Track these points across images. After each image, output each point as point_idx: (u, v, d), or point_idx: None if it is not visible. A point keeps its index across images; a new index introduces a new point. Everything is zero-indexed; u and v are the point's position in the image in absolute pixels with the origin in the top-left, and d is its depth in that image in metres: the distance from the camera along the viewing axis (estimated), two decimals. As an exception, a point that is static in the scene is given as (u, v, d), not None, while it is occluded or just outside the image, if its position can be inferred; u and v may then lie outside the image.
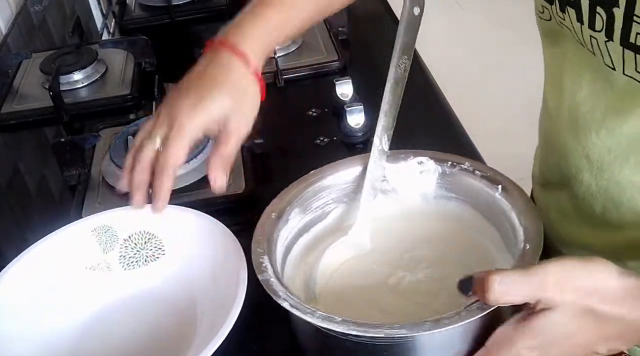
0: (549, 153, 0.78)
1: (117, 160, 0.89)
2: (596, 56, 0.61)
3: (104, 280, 0.73)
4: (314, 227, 0.70)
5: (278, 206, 0.66)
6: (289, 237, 0.67)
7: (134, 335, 0.69)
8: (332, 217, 0.71)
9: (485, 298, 0.50)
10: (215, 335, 0.59)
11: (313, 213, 0.70)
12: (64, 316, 0.70)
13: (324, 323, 0.53)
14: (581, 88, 0.66)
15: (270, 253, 0.62)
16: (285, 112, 1.08)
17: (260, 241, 0.62)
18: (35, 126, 1.08)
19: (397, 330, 0.51)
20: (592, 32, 0.59)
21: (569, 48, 0.66)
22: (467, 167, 0.67)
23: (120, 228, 0.73)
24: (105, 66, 1.18)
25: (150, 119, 0.68)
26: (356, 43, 1.20)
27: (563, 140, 0.71)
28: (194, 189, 0.87)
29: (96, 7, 1.47)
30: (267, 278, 0.58)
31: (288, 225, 0.67)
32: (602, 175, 0.67)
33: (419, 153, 0.69)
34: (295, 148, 0.72)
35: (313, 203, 0.69)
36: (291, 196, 0.68)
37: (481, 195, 0.66)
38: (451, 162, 0.68)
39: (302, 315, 0.54)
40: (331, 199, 0.70)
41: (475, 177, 0.66)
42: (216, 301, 0.66)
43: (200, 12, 1.35)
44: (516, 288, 0.50)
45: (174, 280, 0.72)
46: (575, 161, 0.70)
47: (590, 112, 0.65)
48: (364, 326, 0.52)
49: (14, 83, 1.17)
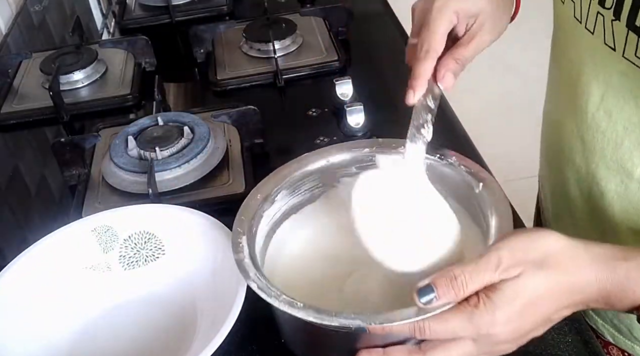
0: (548, 134, 0.78)
1: (117, 160, 0.89)
2: (594, 35, 0.61)
3: (104, 280, 0.73)
4: (302, 208, 0.71)
5: (264, 188, 0.67)
6: (274, 217, 0.68)
7: (134, 335, 0.69)
8: (321, 200, 0.71)
9: (452, 296, 0.51)
10: (215, 335, 0.59)
11: (302, 196, 0.70)
12: (64, 316, 0.70)
13: (286, 307, 0.54)
14: (578, 69, 0.66)
15: (251, 234, 0.62)
16: (285, 112, 1.08)
17: (242, 221, 0.63)
18: (35, 126, 1.08)
19: (351, 321, 0.52)
20: (600, 9, 0.59)
21: (570, 24, 0.66)
22: (453, 162, 0.67)
23: (120, 228, 0.73)
24: (105, 66, 1.18)
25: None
26: (356, 43, 1.20)
27: (560, 118, 0.71)
28: (194, 189, 0.87)
29: (96, 7, 1.47)
30: (241, 258, 0.59)
31: (274, 206, 0.67)
32: (593, 159, 0.67)
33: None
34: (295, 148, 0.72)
35: (302, 186, 0.70)
36: (278, 178, 0.68)
37: (461, 189, 0.66)
38: (439, 155, 0.68)
39: (267, 298, 0.55)
40: (321, 183, 0.71)
41: (457, 168, 0.67)
42: (216, 301, 0.66)
43: (200, 12, 1.35)
44: (476, 278, 0.51)
45: (174, 279, 0.72)
46: (570, 142, 0.70)
47: (588, 92, 0.65)
48: (322, 313, 0.53)
49: (14, 83, 1.17)
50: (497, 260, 0.51)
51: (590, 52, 0.63)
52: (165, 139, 0.91)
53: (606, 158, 0.66)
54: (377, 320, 0.52)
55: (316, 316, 0.53)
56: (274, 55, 1.10)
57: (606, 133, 0.65)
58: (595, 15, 0.60)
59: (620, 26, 0.57)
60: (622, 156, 0.64)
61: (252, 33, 1.18)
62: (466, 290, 0.51)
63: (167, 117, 0.96)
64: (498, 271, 0.51)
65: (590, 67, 0.64)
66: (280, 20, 1.21)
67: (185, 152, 0.89)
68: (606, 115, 0.64)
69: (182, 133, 0.92)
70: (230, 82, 1.11)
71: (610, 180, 0.66)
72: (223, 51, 1.19)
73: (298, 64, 1.12)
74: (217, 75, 1.13)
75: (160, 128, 0.94)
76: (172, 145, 0.90)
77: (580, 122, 0.67)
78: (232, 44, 1.20)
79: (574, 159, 0.70)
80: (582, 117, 0.67)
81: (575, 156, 0.70)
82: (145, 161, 0.88)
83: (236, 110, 0.93)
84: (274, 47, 1.11)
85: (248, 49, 1.17)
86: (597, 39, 0.61)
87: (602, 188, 0.67)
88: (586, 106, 0.66)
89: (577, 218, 0.73)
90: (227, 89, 1.11)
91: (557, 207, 0.78)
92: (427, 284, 0.52)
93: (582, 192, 0.71)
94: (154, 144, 0.90)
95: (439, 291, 0.51)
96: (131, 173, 0.88)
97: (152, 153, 0.89)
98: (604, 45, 0.60)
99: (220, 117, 0.93)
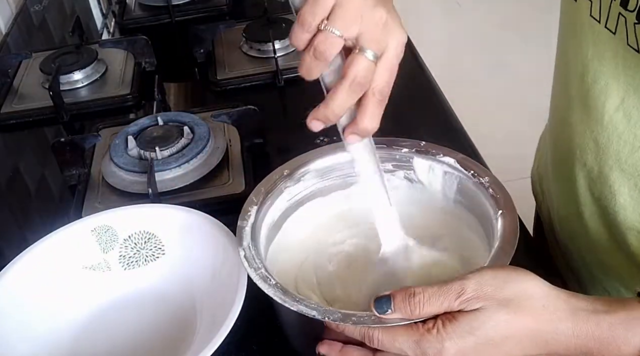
0: (557, 133, 0.77)
1: (117, 160, 0.89)
2: (616, 35, 0.59)
3: (104, 280, 0.73)
4: (302, 206, 0.70)
5: (267, 184, 0.67)
6: (297, 196, 0.67)
7: (133, 334, 0.69)
8: (353, 188, 0.70)
9: (407, 313, 0.51)
10: (215, 335, 0.59)
11: (332, 181, 0.69)
12: (64, 316, 0.70)
13: (260, 282, 0.56)
14: (596, 69, 0.64)
15: (264, 206, 0.62)
16: (285, 112, 1.08)
17: (260, 192, 0.62)
18: (35, 126, 1.08)
19: (309, 310, 0.53)
20: (622, 10, 0.57)
21: (582, 24, 0.64)
22: (484, 182, 0.65)
23: (120, 228, 0.73)
24: (105, 66, 1.18)
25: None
26: (356, 43, 1.20)
27: (572, 119, 0.70)
28: (194, 189, 0.87)
29: (96, 7, 1.47)
30: (242, 226, 0.59)
31: (300, 184, 0.67)
32: (606, 161, 0.66)
33: (449, 153, 0.69)
34: (295, 148, 0.72)
35: (331, 173, 0.69)
36: (308, 158, 0.67)
37: (481, 206, 0.65)
38: (473, 171, 0.67)
39: (248, 269, 0.57)
40: (352, 172, 0.68)
41: (485, 190, 0.65)
42: (216, 302, 0.66)
43: (200, 12, 1.35)
44: (434, 301, 0.51)
45: (174, 279, 0.72)
46: (582, 143, 0.68)
47: (605, 94, 0.64)
48: (288, 296, 0.54)
49: (14, 83, 1.17)
50: (460, 288, 0.51)
51: (611, 52, 0.61)
52: (165, 139, 0.91)
53: (621, 160, 0.64)
54: (332, 316, 0.53)
55: (281, 298, 0.54)
56: (274, 55, 1.10)
57: (623, 135, 0.63)
58: (616, 16, 0.58)
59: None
60: (638, 160, 0.63)
61: (252, 33, 1.18)
62: (422, 311, 0.51)
63: (167, 117, 0.96)
64: (458, 300, 0.50)
65: (610, 68, 0.62)
66: (280, 20, 1.21)
67: (185, 152, 0.89)
68: (625, 117, 0.62)
69: (182, 133, 0.92)
70: (230, 82, 1.11)
71: (624, 183, 0.65)
72: (223, 51, 1.19)
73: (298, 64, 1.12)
74: (217, 75, 1.13)
75: (160, 128, 0.94)
76: (172, 145, 0.90)
77: (595, 124, 0.66)
78: (232, 44, 1.20)
79: (585, 160, 0.69)
80: (597, 119, 0.65)
81: (587, 157, 0.68)
82: (145, 161, 0.88)
83: (236, 110, 0.93)
84: (274, 47, 1.11)
85: (248, 49, 1.17)
86: (619, 39, 0.59)
87: (615, 190, 0.66)
88: (603, 107, 0.64)
89: (585, 219, 0.72)
90: (227, 89, 1.11)
91: (564, 208, 0.78)
92: (386, 295, 0.52)
93: (592, 193, 0.70)
94: (154, 144, 0.90)
95: (395, 303, 0.51)
96: (131, 173, 0.88)
97: (152, 153, 0.89)
98: (627, 47, 0.58)
99: (220, 117, 0.93)
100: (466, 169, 0.67)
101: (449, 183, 0.69)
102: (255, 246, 0.59)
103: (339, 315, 0.53)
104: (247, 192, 0.67)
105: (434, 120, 0.99)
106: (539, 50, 0.75)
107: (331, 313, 0.53)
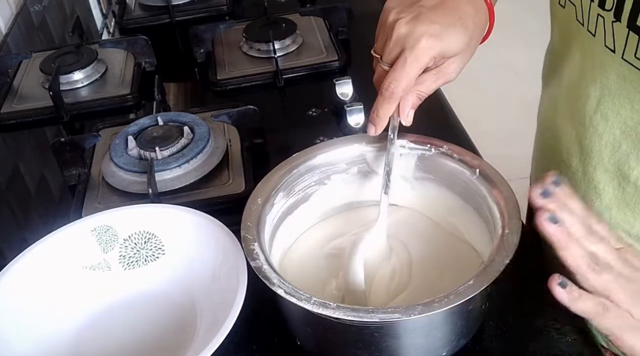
0: (545, 138, 0.78)
1: (117, 160, 0.89)
2: (595, 37, 0.60)
3: (104, 280, 0.73)
4: (296, 209, 0.72)
5: (263, 190, 0.67)
6: (274, 220, 0.68)
7: (134, 335, 0.69)
8: (314, 199, 0.73)
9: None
10: (215, 335, 0.59)
11: (296, 196, 0.71)
12: (64, 316, 0.70)
13: (320, 309, 0.54)
14: (579, 71, 0.66)
15: (260, 239, 0.62)
16: (285, 112, 1.08)
17: (249, 227, 0.63)
18: (35, 126, 1.08)
19: (390, 314, 0.53)
20: (600, 11, 0.59)
21: (572, 27, 0.65)
22: (445, 150, 0.68)
23: (120, 228, 0.73)
24: (105, 66, 1.18)
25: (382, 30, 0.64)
26: (356, 43, 1.20)
27: (558, 122, 0.71)
28: (194, 189, 0.87)
29: (96, 7, 1.47)
30: (259, 265, 0.59)
31: (273, 209, 0.68)
32: (590, 162, 0.67)
33: (401, 135, 0.70)
34: (295, 148, 0.72)
35: (296, 186, 0.70)
36: (275, 180, 0.68)
37: (458, 177, 0.67)
38: (430, 145, 0.69)
39: (298, 302, 0.55)
40: (313, 181, 0.72)
41: (453, 160, 0.68)
42: (216, 302, 0.66)
43: (200, 12, 1.35)
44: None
45: (174, 279, 0.72)
46: (568, 145, 0.70)
47: (586, 96, 0.65)
48: (359, 311, 0.54)
49: (14, 83, 1.17)
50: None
51: (590, 54, 0.63)
52: (165, 139, 0.91)
53: (604, 161, 0.65)
54: (414, 312, 0.53)
55: (355, 316, 0.54)
56: (274, 55, 1.10)
57: (603, 136, 0.64)
58: (595, 17, 0.60)
59: (620, 27, 0.57)
60: (620, 159, 0.64)
61: (252, 33, 1.18)
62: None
63: (167, 117, 0.96)
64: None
65: (590, 70, 0.64)
66: (280, 20, 1.21)
67: (185, 152, 0.89)
68: (603, 118, 0.64)
69: (182, 133, 0.92)
70: (230, 82, 1.11)
71: (608, 183, 0.66)
72: (223, 51, 1.19)
73: (298, 64, 1.12)
74: (217, 75, 1.13)
75: (160, 128, 0.94)
76: (172, 145, 0.90)
77: (578, 125, 0.67)
78: (232, 44, 1.20)
79: (571, 162, 0.70)
80: (581, 121, 0.67)
81: (572, 159, 0.70)
82: (145, 161, 0.88)
83: (236, 110, 0.93)
84: (274, 47, 1.11)
85: (248, 48, 1.17)
86: (597, 41, 0.61)
87: (600, 191, 0.67)
88: (584, 109, 0.66)
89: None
90: (227, 89, 1.11)
91: None
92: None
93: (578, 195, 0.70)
94: (154, 144, 0.90)
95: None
96: (131, 173, 0.88)
97: (152, 153, 0.89)
98: (604, 48, 0.60)
99: (220, 117, 0.93)
100: (422, 144, 0.70)
101: (407, 163, 0.71)
102: (284, 279, 0.58)
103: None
104: (247, 192, 0.67)
105: (433, 120, 0.99)
106: (539, 50, 0.75)
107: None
